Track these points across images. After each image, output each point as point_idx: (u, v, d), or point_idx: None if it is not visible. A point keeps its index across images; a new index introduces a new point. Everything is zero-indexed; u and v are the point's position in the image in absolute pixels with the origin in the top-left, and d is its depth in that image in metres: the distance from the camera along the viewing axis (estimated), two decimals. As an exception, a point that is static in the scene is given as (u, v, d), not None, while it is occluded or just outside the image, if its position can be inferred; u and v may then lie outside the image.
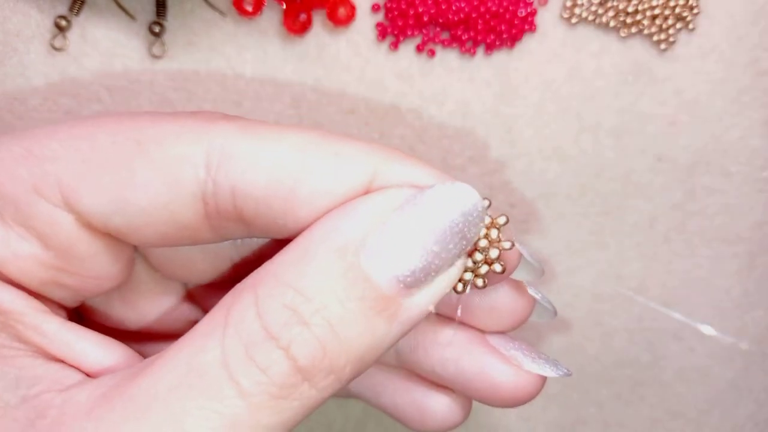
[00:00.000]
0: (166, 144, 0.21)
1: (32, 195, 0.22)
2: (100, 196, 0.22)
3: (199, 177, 0.21)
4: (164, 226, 0.22)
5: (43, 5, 0.30)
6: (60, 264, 0.23)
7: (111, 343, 0.23)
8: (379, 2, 0.30)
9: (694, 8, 0.30)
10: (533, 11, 0.30)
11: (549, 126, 0.31)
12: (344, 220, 0.21)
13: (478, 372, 0.24)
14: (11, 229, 0.22)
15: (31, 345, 0.22)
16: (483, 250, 0.21)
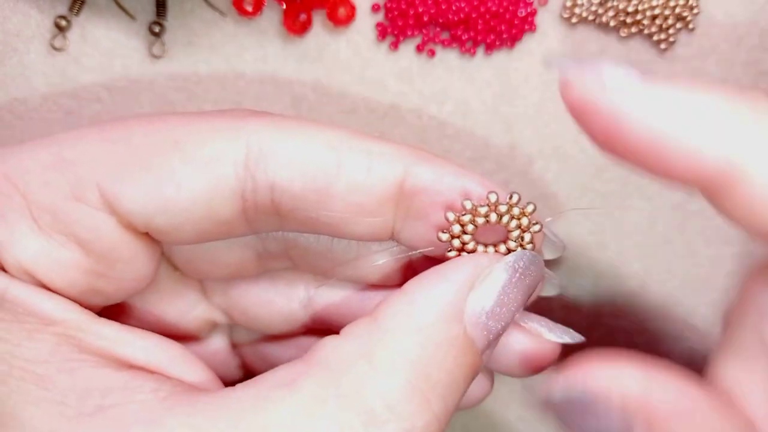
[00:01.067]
0: (204, 143, 0.22)
1: (70, 201, 0.22)
2: (142, 197, 0.22)
3: (239, 174, 0.22)
4: (204, 224, 0.22)
5: (43, 5, 0.30)
6: (100, 269, 0.23)
7: (172, 344, 0.23)
8: (379, 2, 0.30)
9: (694, 8, 0.30)
10: (533, 11, 0.30)
11: (549, 126, 0.31)
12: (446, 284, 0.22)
13: (501, 344, 0.25)
14: (50, 237, 0.22)
15: (94, 353, 0.21)
16: (517, 239, 0.23)
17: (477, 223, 0.22)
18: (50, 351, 0.21)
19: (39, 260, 0.22)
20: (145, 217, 0.22)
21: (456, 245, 0.23)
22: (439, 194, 0.23)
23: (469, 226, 0.22)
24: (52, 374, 0.20)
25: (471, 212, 0.22)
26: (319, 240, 0.25)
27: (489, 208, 0.22)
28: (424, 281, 0.22)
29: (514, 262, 0.22)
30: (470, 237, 0.23)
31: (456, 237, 0.23)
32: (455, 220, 0.22)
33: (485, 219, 0.22)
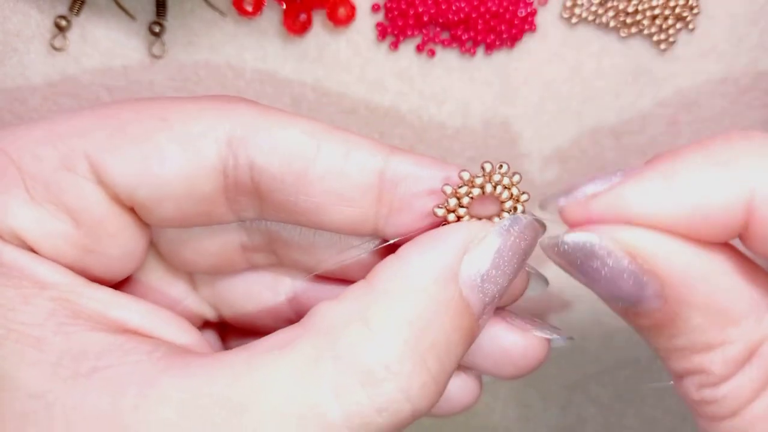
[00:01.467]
0: (190, 121, 0.23)
1: (61, 171, 0.22)
2: (127, 168, 0.22)
3: (221, 151, 0.23)
4: (186, 200, 0.23)
5: (43, 5, 0.30)
6: (89, 242, 0.23)
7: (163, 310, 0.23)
8: (379, 2, 0.30)
9: (694, 8, 0.30)
10: (533, 11, 0.30)
11: (549, 126, 0.31)
12: (441, 247, 0.22)
13: (488, 340, 0.25)
14: (42, 207, 0.22)
15: (88, 317, 0.22)
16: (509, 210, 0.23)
17: (473, 194, 0.23)
18: (46, 314, 0.21)
19: (31, 229, 0.22)
20: (130, 189, 0.23)
21: (452, 219, 0.23)
22: (422, 181, 0.23)
23: (465, 198, 0.23)
24: (47, 336, 0.21)
25: (467, 184, 0.23)
26: (302, 233, 0.26)
27: (484, 178, 0.23)
28: (418, 245, 0.22)
29: (510, 225, 0.22)
30: (465, 210, 0.23)
31: (451, 211, 0.23)
32: (452, 192, 0.23)
33: (481, 189, 0.23)
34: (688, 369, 0.21)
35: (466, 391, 0.27)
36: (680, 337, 0.21)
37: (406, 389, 0.20)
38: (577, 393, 0.36)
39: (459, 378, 0.27)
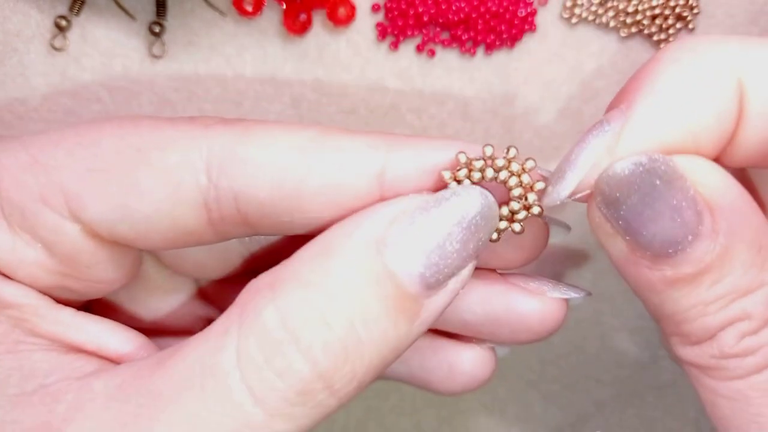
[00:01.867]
0: (166, 150, 0.21)
1: (38, 204, 0.22)
2: (105, 205, 0.22)
3: (201, 184, 0.21)
4: (169, 233, 0.22)
5: (43, 5, 0.30)
6: (65, 270, 0.23)
7: (126, 330, 0.23)
8: (379, 2, 0.30)
9: (694, 8, 0.30)
10: (533, 11, 0.30)
11: (549, 126, 0.31)
12: (367, 219, 0.21)
13: (505, 307, 0.24)
14: (18, 235, 0.22)
15: (46, 337, 0.22)
16: (520, 198, 0.22)
17: (473, 178, 0.21)
18: (3, 333, 0.21)
19: (4, 255, 0.22)
20: (108, 225, 0.22)
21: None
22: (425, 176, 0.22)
23: (466, 182, 0.21)
24: (0, 354, 0.21)
25: (466, 166, 0.21)
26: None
27: (485, 162, 0.21)
28: (345, 219, 0.21)
29: (450, 196, 0.21)
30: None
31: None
32: (451, 177, 0.21)
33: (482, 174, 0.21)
34: (729, 318, 0.20)
35: (480, 365, 0.26)
36: (723, 281, 0.20)
37: (305, 350, 0.19)
38: (577, 393, 0.36)
39: (472, 351, 0.26)
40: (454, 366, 0.26)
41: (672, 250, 0.20)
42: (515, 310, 0.24)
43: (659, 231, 0.20)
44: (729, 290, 0.20)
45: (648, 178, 0.20)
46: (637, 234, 0.20)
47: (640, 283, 0.21)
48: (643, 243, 0.20)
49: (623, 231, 0.20)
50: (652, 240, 0.20)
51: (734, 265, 0.20)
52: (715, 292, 0.20)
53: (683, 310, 0.21)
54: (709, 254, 0.20)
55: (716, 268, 0.20)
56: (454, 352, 0.27)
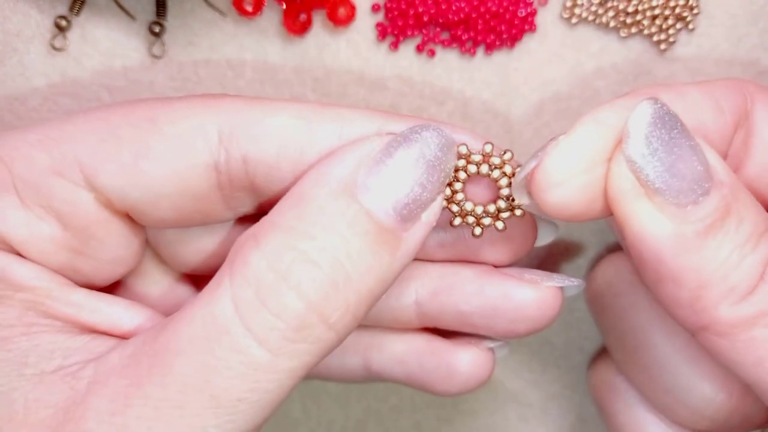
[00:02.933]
0: (178, 120, 0.23)
1: (52, 177, 0.23)
2: (119, 172, 0.23)
3: (212, 147, 0.23)
4: (180, 199, 0.23)
5: (43, 5, 0.30)
6: (77, 246, 0.23)
7: (137, 306, 0.24)
8: (379, 2, 0.30)
9: (694, 8, 0.30)
10: (533, 11, 0.30)
11: (549, 126, 0.31)
12: (336, 165, 0.22)
13: (501, 298, 0.25)
14: (31, 210, 0.23)
15: (61, 318, 0.23)
16: (507, 197, 0.23)
17: (469, 171, 0.23)
18: (17, 316, 0.22)
19: (19, 231, 0.23)
20: (122, 192, 0.23)
21: (447, 194, 0.23)
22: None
23: (461, 173, 0.23)
24: (15, 337, 0.22)
25: (464, 158, 0.23)
26: None
27: (483, 157, 0.23)
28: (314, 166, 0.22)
29: (409, 133, 0.22)
30: (461, 186, 0.23)
31: (447, 185, 0.23)
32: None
33: (477, 168, 0.23)
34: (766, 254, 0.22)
35: (478, 366, 0.27)
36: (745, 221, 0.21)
37: (296, 287, 0.20)
38: (577, 393, 0.36)
39: (470, 352, 0.27)
40: (453, 367, 0.27)
41: (697, 192, 0.21)
42: (511, 299, 0.25)
43: (686, 170, 0.21)
44: (753, 228, 0.21)
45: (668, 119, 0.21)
46: (667, 178, 0.21)
47: (676, 247, 0.21)
48: (672, 187, 0.21)
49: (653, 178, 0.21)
50: (681, 181, 0.21)
51: (747, 206, 0.22)
52: (744, 232, 0.21)
53: (724, 258, 0.21)
54: (726, 196, 0.21)
55: (735, 209, 0.21)
56: (452, 353, 0.27)
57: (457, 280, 0.26)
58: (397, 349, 0.28)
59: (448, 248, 0.26)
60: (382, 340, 0.28)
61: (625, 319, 0.29)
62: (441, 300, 0.26)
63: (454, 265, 0.26)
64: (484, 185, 0.24)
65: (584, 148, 0.22)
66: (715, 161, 0.22)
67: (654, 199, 0.21)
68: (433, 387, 0.27)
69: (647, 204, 0.21)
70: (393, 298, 0.27)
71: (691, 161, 0.21)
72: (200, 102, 0.23)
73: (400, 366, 0.28)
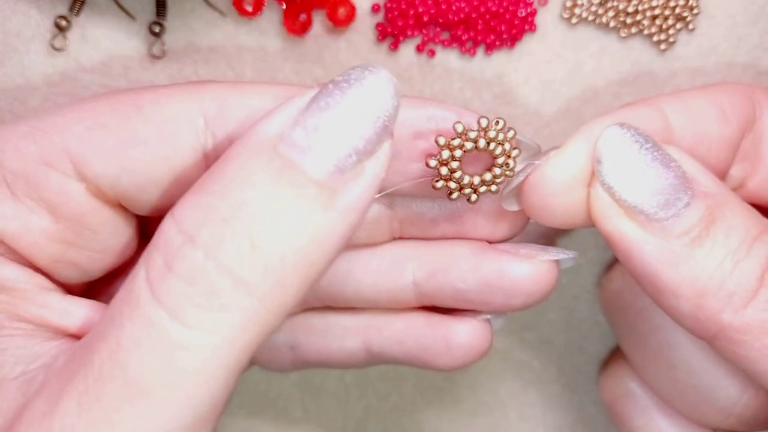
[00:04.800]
0: (164, 105, 0.23)
1: (42, 168, 0.22)
2: (107, 160, 0.23)
3: (198, 130, 0.23)
4: (169, 185, 0.23)
5: (43, 5, 0.30)
6: (69, 237, 0.23)
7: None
8: (379, 2, 0.30)
9: (694, 8, 0.30)
10: (533, 11, 0.30)
11: (549, 126, 0.31)
12: (262, 122, 0.20)
13: (497, 273, 0.25)
14: (21, 202, 0.23)
15: (32, 322, 0.22)
16: (502, 165, 0.24)
17: (466, 148, 0.23)
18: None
19: (9, 224, 0.23)
20: (112, 180, 0.23)
21: (444, 173, 0.23)
22: (404, 126, 0.22)
23: (458, 151, 0.23)
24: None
25: (460, 136, 0.23)
26: None
27: (479, 133, 0.23)
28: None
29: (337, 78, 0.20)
30: (458, 164, 0.23)
31: (444, 164, 0.23)
32: (445, 144, 0.23)
33: (474, 144, 0.23)
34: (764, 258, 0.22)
35: (477, 338, 0.27)
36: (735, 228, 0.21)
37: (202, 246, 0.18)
38: (577, 393, 0.36)
39: (468, 324, 0.27)
40: (451, 340, 0.27)
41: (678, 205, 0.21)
42: (507, 274, 0.25)
43: (661, 187, 0.21)
44: (745, 234, 0.21)
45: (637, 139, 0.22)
46: (643, 195, 0.21)
47: (666, 262, 0.21)
48: (650, 204, 0.21)
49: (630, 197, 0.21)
50: (658, 197, 0.21)
51: (737, 212, 0.22)
52: (735, 238, 0.21)
53: (717, 266, 0.21)
54: (710, 205, 0.21)
55: (722, 216, 0.21)
56: (449, 327, 0.27)
57: (453, 258, 0.26)
58: (397, 329, 0.28)
59: (443, 224, 0.26)
60: (381, 321, 0.28)
61: (646, 320, 0.29)
62: (438, 279, 0.26)
63: (449, 243, 0.26)
64: (477, 156, 0.24)
65: (573, 164, 0.22)
66: (696, 171, 0.22)
67: (635, 218, 0.22)
68: (434, 362, 0.27)
69: (629, 223, 0.22)
70: (390, 279, 0.27)
71: (666, 176, 0.21)
72: (185, 88, 0.23)
73: (400, 345, 0.28)
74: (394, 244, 0.27)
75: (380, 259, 0.27)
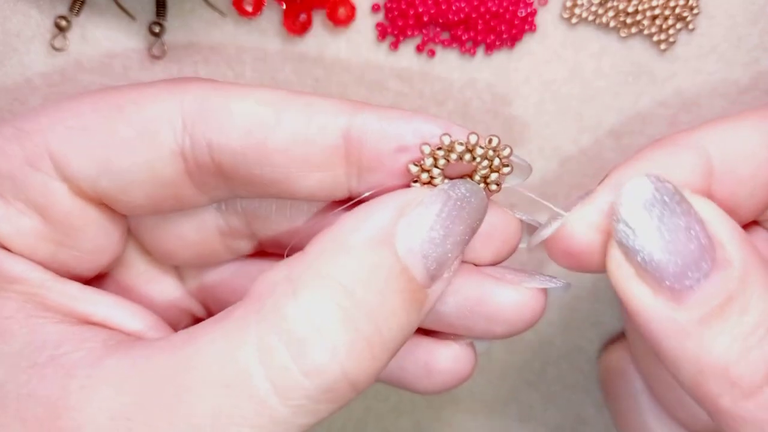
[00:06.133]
0: (144, 107, 0.23)
1: (26, 168, 0.23)
2: (87, 160, 0.23)
3: (177, 133, 0.22)
4: (150, 186, 0.23)
5: (43, 5, 0.30)
6: (59, 237, 0.23)
7: (133, 305, 0.24)
8: (379, 2, 0.30)
9: (694, 8, 0.30)
10: (533, 11, 0.30)
11: (549, 126, 0.31)
12: (375, 211, 0.21)
13: (479, 298, 0.24)
14: (11, 205, 0.23)
15: (56, 310, 0.22)
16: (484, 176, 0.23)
17: (450, 159, 0.22)
18: (16, 308, 0.22)
19: (2, 226, 0.23)
20: (93, 181, 0.23)
21: (424, 179, 0.23)
22: (389, 139, 0.22)
23: (441, 161, 0.22)
24: (13, 329, 0.21)
25: (447, 148, 0.22)
26: (277, 209, 0.25)
27: (466, 147, 0.22)
28: (354, 212, 0.22)
29: (449, 189, 0.22)
30: (439, 172, 0.23)
31: (426, 171, 0.22)
32: (430, 153, 0.22)
33: (459, 157, 0.22)
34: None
35: (458, 363, 0.26)
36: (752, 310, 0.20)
37: (332, 349, 0.19)
38: (577, 393, 0.36)
39: (449, 348, 0.26)
40: (431, 365, 0.26)
41: (693, 276, 0.20)
42: (490, 300, 0.24)
43: (679, 253, 0.20)
44: (760, 318, 0.20)
45: (659, 196, 0.20)
46: (658, 260, 0.20)
47: (671, 332, 0.20)
48: (664, 270, 0.20)
49: (644, 259, 0.20)
50: (674, 264, 0.20)
51: (758, 290, 0.20)
52: (748, 322, 0.20)
53: (724, 350, 0.20)
54: (729, 281, 0.20)
55: (740, 296, 0.20)
56: (430, 350, 0.26)
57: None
58: None
59: None
60: None
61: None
62: None
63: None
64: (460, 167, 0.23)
65: (596, 216, 0.22)
66: (726, 235, 0.20)
67: (647, 282, 0.20)
68: (413, 386, 0.27)
69: (641, 285, 0.21)
70: None
71: (685, 243, 0.20)
72: (167, 87, 0.23)
73: None
74: None
75: None
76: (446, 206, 0.21)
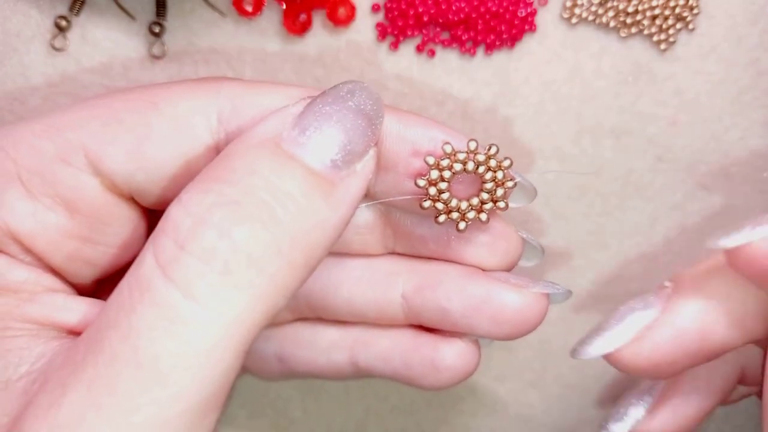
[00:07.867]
0: (179, 102, 0.23)
1: (57, 164, 0.23)
2: (122, 155, 0.23)
3: (212, 128, 0.23)
4: (183, 180, 0.23)
5: (43, 5, 0.30)
6: (85, 233, 0.24)
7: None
8: (379, 2, 0.30)
9: (694, 8, 0.30)
10: (533, 11, 0.30)
11: (549, 126, 0.31)
12: (260, 124, 0.21)
13: (483, 299, 0.25)
14: (38, 200, 0.23)
15: (37, 321, 0.22)
16: (490, 191, 0.24)
17: (455, 169, 0.23)
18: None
19: (25, 222, 0.23)
20: (127, 175, 0.23)
21: (432, 193, 0.23)
22: (406, 142, 0.23)
23: (446, 172, 0.23)
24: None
25: (449, 157, 0.23)
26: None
27: (468, 155, 0.23)
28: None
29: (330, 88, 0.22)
30: (446, 185, 0.23)
31: (433, 184, 0.23)
32: (434, 164, 0.23)
33: (463, 165, 0.23)
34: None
35: (463, 359, 0.27)
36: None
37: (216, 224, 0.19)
38: (577, 394, 0.36)
39: (454, 345, 0.27)
40: (437, 361, 0.27)
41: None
42: (493, 300, 0.25)
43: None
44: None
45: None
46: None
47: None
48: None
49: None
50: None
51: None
52: None
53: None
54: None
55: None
56: (436, 347, 0.27)
57: (442, 276, 0.26)
58: (383, 345, 0.28)
59: (433, 245, 0.26)
60: (369, 336, 0.28)
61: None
62: (424, 295, 0.26)
63: (441, 264, 0.26)
64: (467, 181, 0.24)
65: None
66: None
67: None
68: (419, 382, 0.27)
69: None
70: (380, 291, 0.27)
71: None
72: (199, 84, 0.24)
73: (386, 363, 0.28)
74: (387, 257, 0.27)
75: (372, 271, 0.27)
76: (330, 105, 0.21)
